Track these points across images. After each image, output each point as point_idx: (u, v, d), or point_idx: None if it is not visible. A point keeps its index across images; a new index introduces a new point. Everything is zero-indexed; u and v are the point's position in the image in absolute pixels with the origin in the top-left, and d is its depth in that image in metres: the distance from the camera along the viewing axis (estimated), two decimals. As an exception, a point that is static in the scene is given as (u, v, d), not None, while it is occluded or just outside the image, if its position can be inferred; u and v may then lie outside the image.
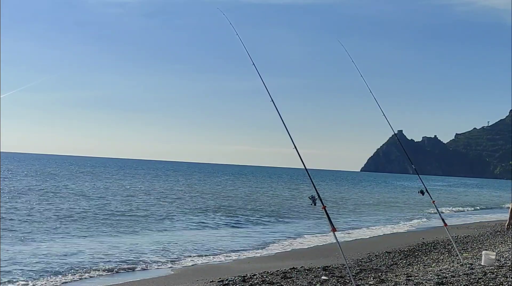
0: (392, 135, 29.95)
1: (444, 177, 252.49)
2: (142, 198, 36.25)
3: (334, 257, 14.09)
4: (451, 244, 14.56)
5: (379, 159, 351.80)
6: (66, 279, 11.67)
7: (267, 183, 79.24)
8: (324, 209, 8.23)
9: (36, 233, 17.84)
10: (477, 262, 11.58)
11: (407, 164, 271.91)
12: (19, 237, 16.81)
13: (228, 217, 26.53)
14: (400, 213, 34.13)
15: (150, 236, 18.88)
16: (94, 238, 17.75)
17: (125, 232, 19.53)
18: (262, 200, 40.53)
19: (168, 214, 26.19)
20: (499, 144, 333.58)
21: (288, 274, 10.89)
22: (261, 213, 29.53)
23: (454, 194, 72.37)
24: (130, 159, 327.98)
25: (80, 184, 48.02)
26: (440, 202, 40.60)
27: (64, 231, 18.83)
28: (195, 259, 14.56)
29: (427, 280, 9.25)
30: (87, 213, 24.81)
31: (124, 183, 55.81)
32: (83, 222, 21.43)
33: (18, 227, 19.01)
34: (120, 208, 27.87)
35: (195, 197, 39.38)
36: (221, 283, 10.19)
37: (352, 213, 32.71)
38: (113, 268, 12.78)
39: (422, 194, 12.23)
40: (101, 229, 19.92)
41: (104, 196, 35.88)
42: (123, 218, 23.51)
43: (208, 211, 29.13)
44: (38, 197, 31.74)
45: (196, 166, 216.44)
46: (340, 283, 9.77)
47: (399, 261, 13.25)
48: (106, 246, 16.00)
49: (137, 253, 15.03)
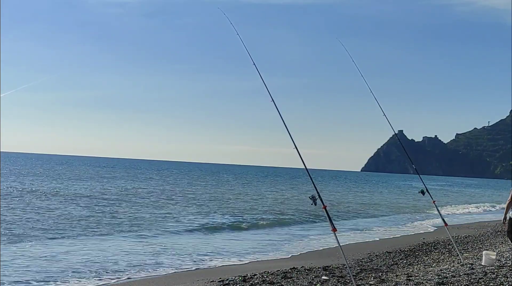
0: (392, 135, 29.88)
1: (444, 177, 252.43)
2: (147, 198, 36.25)
3: (334, 257, 14.08)
4: (451, 244, 14.56)
5: (379, 159, 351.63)
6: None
7: (267, 183, 79.20)
8: (325, 209, 8.23)
9: (36, 234, 17.83)
10: (477, 262, 11.57)
11: (408, 164, 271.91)
12: (14, 238, 16.69)
13: (228, 217, 26.51)
14: (401, 213, 34.13)
15: (149, 236, 18.86)
16: (100, 240, 17.73)
17: (126, 232, 19.54)
18: (262, 200, 40.50)
19: (168, 214, 26.18)
20: (500, 144, 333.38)
21: (289, 274, 10.88)
22: (261, 213, 29.52)
23: (454, 194, 72.36)
24: (130, 159, 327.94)
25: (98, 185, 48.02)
26: (441, 202, 40.60)
27: (67, 233, 18.82)
28: (195, 260, 14.55)
29: (428, 280, 9.25)
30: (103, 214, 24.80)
31: (141, 184, 55.82)
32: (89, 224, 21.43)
33: (16, 227, 19.01)
34: (124, 210, 27.88)
35: (195, 197, 39.36)
36: (222, 283, 10.18)
37: (352, 213, 32.70)
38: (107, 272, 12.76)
39: (422, 194, 12.24)
40: (103, 230, 19.93)
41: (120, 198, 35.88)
42: (125, 219, 23.51)
43: (208, 211, 29.12)
44: (44, 198, 31.74)
45: (197, 166, 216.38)
46: (341, 283, 9.76)
47: (399, 261, 13.24)
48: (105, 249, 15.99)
49: (137, 254, 15.03)
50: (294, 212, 30.84)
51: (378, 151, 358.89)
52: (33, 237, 17.07)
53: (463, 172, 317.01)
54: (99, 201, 31.33)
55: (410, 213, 34.09)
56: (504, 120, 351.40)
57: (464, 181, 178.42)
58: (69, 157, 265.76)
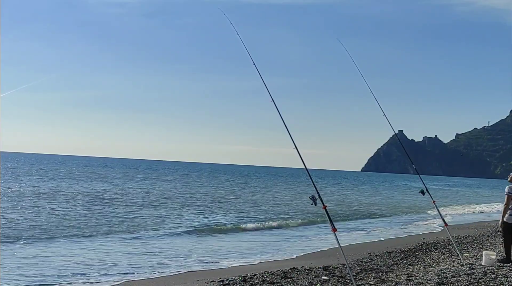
0: (392, 135, 29.97)
1: (444, 177, 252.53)
2: (146, 199, 36.26)
3: (334, 257, 14.08)
4: (451, 244, 14.57)
5: (379, 159, 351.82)
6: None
7: (267, 183, 79.21)
8: (325, 209, 8.23)
9: (36, 236, 17.83)
10: (477, 262, 11.58)
11: (408, 164, 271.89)
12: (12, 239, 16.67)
13: (227, 217, 26.52)
14: (401, 213, 34.12)
15: (149, 236, 18.86)
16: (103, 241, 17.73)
17: (125, 232, 19.53)
18: (262, 200, 40.50)
19: (168, 215, 26.19)
20: (500, 144, 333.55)
21: (289, 274, 10.88)
22: (260, 213, 29.52)
23: (454, 194, 72.37)
24: (130, 159, 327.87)
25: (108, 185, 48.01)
26: (441, 202, 40.59)
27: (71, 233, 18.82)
28: (195, 260, 14.54)
29: (428, 280, 9.24)
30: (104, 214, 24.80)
31: (143, 185, 55.81)
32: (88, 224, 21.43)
33: (15, 228, 19.01)
34: (123, 210, 27.89)
35: (195, 198, 39.37)
36: (222, 283, 10.17)
37: (352, 213, 32.68)
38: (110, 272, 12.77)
39: (422, 194, 12.24)
40: (104, 229, 19.94)
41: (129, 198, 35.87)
42: (123, 219, 23.52)
43: (207, 211, 29.12)
44: (48, 198, 31.74)
45: (197, 166, 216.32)
46: (341, 283, 9.75)
47: (399, 261, 13.24)
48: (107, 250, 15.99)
49: (137, 254, 15.02)
50: (294, 212, 30.84)
51: (378, 151, 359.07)
52: (29, 237, 17.06)
53: (463, 172, 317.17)
54: (98, 201, 31.32)
55: (410, 213, 34.09)
56: (504, 120, 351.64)
57: (464, 181, 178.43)
58: (69, 157, 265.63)
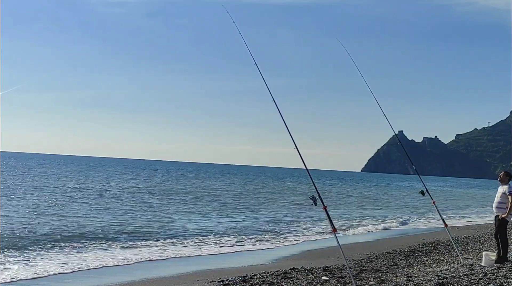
0: (392, 136, 29.91)
1: (444, 177, 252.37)
2: (146, 198, 36.27)
3: (334, 258, 14.09)
4: (451, 244, 14.56)
5: (379, 160, 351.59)
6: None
7: (267, 183, 79.23)
8: (325, 209, 8.23)
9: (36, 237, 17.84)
10: (477, 263, 11.57)
11: (408, 165, 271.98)
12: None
13: (227, 218, 26.52)
14: (401, 214, 34.11)
15: (148, 237, 18.85)
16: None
17: (124, 233, 19.53)
18: (262, 200, 40.51)
19: (168, 215, 26.19)
20: (500, 144, 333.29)
21: (289, 274, 10.88)
22: (261, 213, 29.52)
23: (454, 195, 72.36)
24: (130, 159, 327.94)
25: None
26: (441, 203, 40.59)
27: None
28: (195, 260, 14.55)
29: (428, 280, 9.24)
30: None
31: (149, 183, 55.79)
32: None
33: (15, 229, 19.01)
34: (122, 210, 27.92)
35: (194, 198, 39.36)
36: (222, 283, 10.17)
37: (352, 213, 32.67)
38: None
39: (422, 195, 12.23)
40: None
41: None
42: (123, 219, 23.53)
43: (207, 212, 29.13)
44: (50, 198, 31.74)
45: (196, 166, 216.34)
46: (341, 283, 9.75)
47: (399, 262, 13.25)
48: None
49: (136, 255, 15.03)
50: (294, 212, 30.84)
51: (378, 152, 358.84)
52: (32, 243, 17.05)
53: (463, 172, 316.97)
54: (98, 201, 31.31)
55: (410, 214, 34.09)
56: (504, 120, 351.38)
57: (464, 182, 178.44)
58: (69, 157, 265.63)
